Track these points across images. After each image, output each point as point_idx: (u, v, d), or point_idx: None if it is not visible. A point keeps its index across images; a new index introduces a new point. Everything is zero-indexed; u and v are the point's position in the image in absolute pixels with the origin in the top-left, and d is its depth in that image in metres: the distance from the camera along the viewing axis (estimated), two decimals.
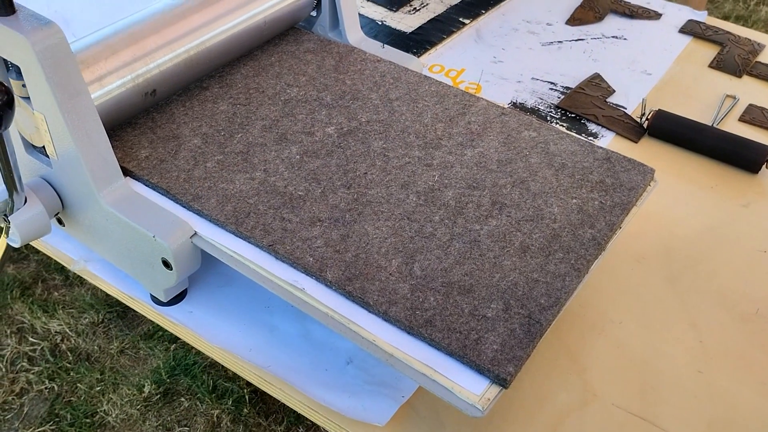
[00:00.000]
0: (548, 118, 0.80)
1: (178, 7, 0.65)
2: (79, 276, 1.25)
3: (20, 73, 0.54)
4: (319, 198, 0.57)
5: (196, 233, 0.55)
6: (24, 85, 0.54)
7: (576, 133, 0.78)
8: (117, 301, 0.64)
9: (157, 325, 1.26)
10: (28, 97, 0.55)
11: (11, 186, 0.54)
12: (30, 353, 1.08)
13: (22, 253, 1.17)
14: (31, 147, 0.59)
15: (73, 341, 1.10)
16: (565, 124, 0.80)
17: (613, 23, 0.94)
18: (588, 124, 0.80)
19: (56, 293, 1.17)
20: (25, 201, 0.57)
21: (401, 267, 0.53)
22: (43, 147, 0.57)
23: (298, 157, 0.60)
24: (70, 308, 1.15)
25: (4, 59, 0.55)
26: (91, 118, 0.54)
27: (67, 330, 1.11)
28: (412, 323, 0.50)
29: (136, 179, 0.59)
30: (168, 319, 0.60)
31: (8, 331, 1.11)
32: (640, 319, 0.61)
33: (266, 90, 0.67)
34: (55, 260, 0.61)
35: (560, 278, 0.53)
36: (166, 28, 0.63)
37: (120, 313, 1.15)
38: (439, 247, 0.54)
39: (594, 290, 0.63)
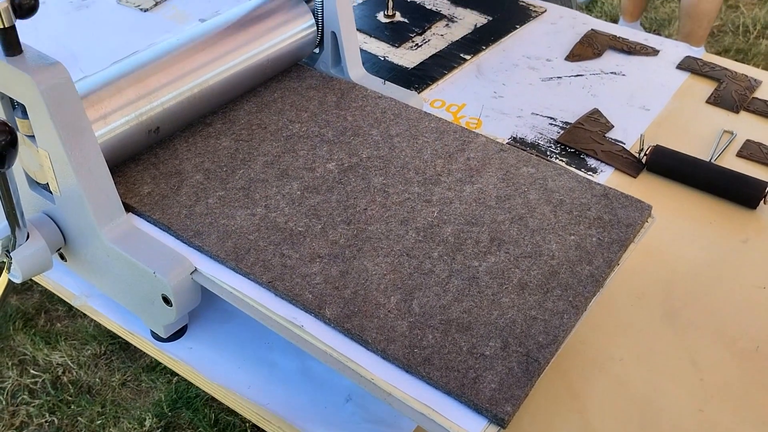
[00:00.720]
0: (548, 152, 0.81)
1: (183, 47, 0.66)
2: None
3: (25, 111, 0.54)
4: (319, 234, 0.57)
5: (196, 269, 0.55)
6: (29, 124, 0.55)
7: (575, 167, 0.78)
8: (114, 334, 0.64)
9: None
10: (33, 135, 0.55)
11: (14, 222, 0.54)
12: (31, 386, 1.08)
13: (26, 284, 1.18)
14: (34, 183, 0.60)
15: (74, 373, 1.10)
16: (564, 159, 0.80)
17: (611, 59, 0.95)
18: (587, 158, 0.80)
19: (59, 324, 1.17)
20: (28, 236, 0.57)
21: (400, 304, 0.53)
22: (47, 183, 0.58)
23: (299, 192, 0.61)
24: (72, 340, 1.15)
25: (10, 98, 0.56)
26: (95, 155, 0.55)
27: (69, 362, 1.11)
28: (411, 362, 0.49)
29: (138, 215, 0.59)
30: (168, 356, 0.59)
31: (10, 363, 1.11)
32: (641, 356, 0.61)
33: (269, 126, 0.67)
34: None
35: (558, 316, 0.53)
36: (171, 67, 0.64)
37: (122, 344, 1.15)
38: (438, 284, 0.54)
39: (593, 327, 0.63)
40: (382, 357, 0.50)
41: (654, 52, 0.97)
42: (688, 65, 0.94)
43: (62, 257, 0.62)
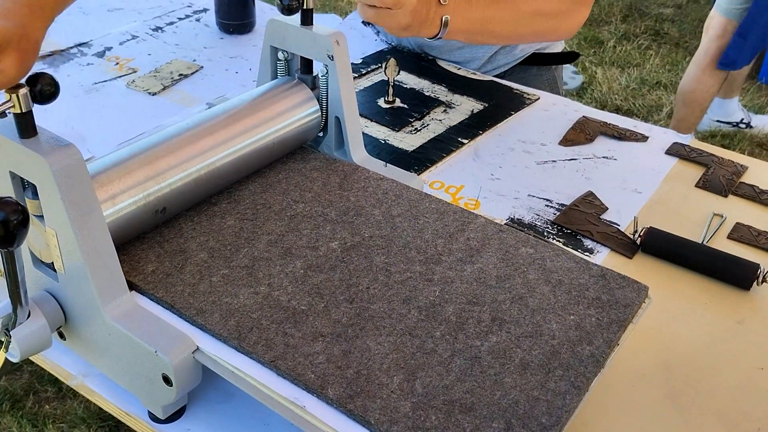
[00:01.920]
0: (545, 233, 0.82)
1: (192, 130, 0.68)
2: (72, 389, 1.22)
3: (36, 192, 0.55)
4: (321, 313, 0.57)
5: (198, 348, 0.55)
6: (38, 204, 0.56)
7: (572, 248, 0.79)
8: (109, 415, 0.62)
9: None
10: (42, 216, 0.56)
11: (16, 300, 0.54)
12: None
13: (16, 364, 1.16)
14: (38, 261, 0.60)
15: None
16: (561, 240, 0.81)
17: (603, 144, 0.98)
18: (584, 239, 0.81)
19: (47, 406, 1.14)
20: (29, 315, 0.57)
21: (403, 384, 0.52)
22: (51, 262, 0.58)
23: (302, 271, 0.61)
24: (60, 422, 1.11)
25: (21, 179, 0.57)
26: (102, 234, 0.55)
27: None
28: None
29: (141, 293, 0.59)
30: None
31: None
32: None
33: (273, 206, 0.69)
34: (48, 372, 0.59)
35: (561, 396, 0.52)
36: (179, 150, 0.66)
37: (112, 427, 1.12)
38: (441, 364, 0.54)
39: (596, 408, 0.62)
40: None
41: (643, 138, 1.00)
42: (677, 151, 0.97)
43: (61, 336, 0.61)
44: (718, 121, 2.64)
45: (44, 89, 0.52)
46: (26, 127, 0.54)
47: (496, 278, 0.61)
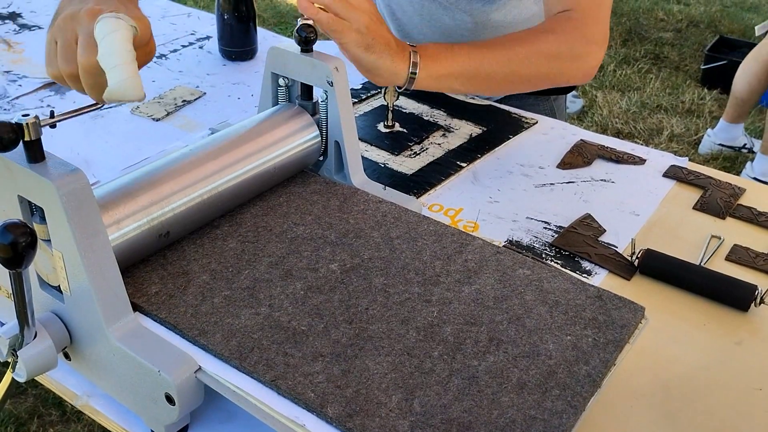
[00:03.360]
0: (543, 255, 0.83)
1: (195, 155, 0.70)
2: (77, 411, 1.23)
3: (43, 217, 0.57)
4: (321, 333, 0.59)
5: (200, 368, 0.56)
6: (46, 229, 0.57)
7: (571, 270, 0.81)
8: None
9: None
10: (49, 240, 0.58)
11: (24, 321, 0.55)
12: None
13: (21, 387, 1.16)
14: (45, 284, 0.61)
15: None
16: (559, 262, 0.82)
17: (601, 167, 1.00)
18: (582, 261, 0.83)
19: (52, 430, 1.15)
20: (35, 335, 0.58)
21: (401, 403, 0.53)
22: (58, 285, 0.59)
23: (302, 292, 0.62)
24: None
25: (29, 204, 0.59)
26: (107, 257, 0.57)
27: None
28: None
29: (144, 314, 0.61)
30: None
31: None
32: None
33: (274, 228, 0.70)
34: (53, 395, 0.60)
35: (558, 416, 0.53)
36: (183, 175, 0.68)
37: None
38: (439, 383, 0.55)
39: (593, 427, 0.63)
40: None
41: (641, 161, 1.01)
42: (674, 173, 0.99)
43: (66, 356, 0.63)
44: (721, 144, 2.67)
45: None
46: (35, 153, 0.56)
47: (494, 299, 0.63)
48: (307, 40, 0.75)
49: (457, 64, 0.85)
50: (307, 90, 0.80)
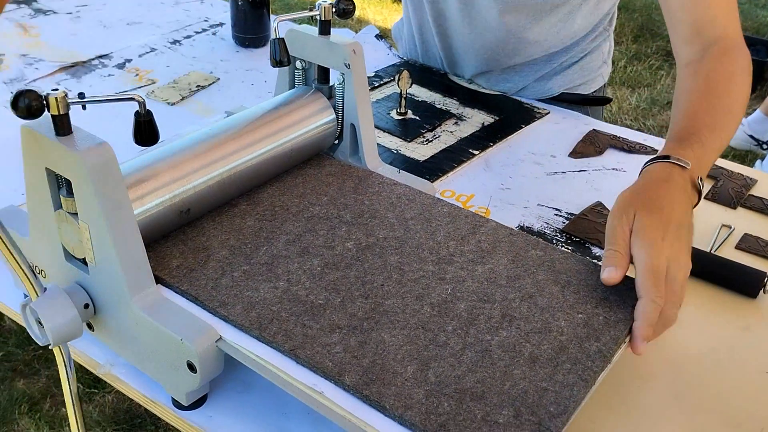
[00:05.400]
0: (554, 241, 0.85)
1: (215, 136, 0.72)
2: (88, 392, 1.26)
3: (70, 190, 0.60)
4: (338, 307, 0.61)
5: (221, 338, 0.59)
6: (72, 202, 0.60)
7: (581, 256, 0.83)
8: (124, 418, 0.66)
9: None
10: (76, 213, 0.60)
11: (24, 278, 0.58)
12: None
13: (34, 368, 1.19)
14: (70, 256, 0.64)
15: None
16: (570, 248, 0.85)
17: (612, 157, 1.02)
18: (592, 247, 0.85)
19: (64, 409, 1.18)
20: (45, 290, 0.61)
21: (416, 373, 0.56)
22: (83, 258, 0.62)
23: (319, 268, 0.65)
24: None
25: (56, 178, 0.61)
26: (132, 228, 0.60)
27: None
28: (427, 427, 0.52)
29: (166, 286, 0.63)
30: (188, 423, 0.62)
31: None
32: None
33: (290, 208, 0.73)
34: None
35: (569, 388, 0.56)
36: (203, 155, 0.70)
37: (126, 430, 1.16)
38: (452, 356, 0.58)
39: (602, 406, 0.65)
40: (399, 423, 0.53)
41: (653, 150, 1.03)
42: None
43: (90, 327, 0.66)
44: (750, 136, 2.68)
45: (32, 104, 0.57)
46: (62, 126, 0.58)
47: (507, 278, 0.65)
48: (345, 11, 0.75)
49: (711, 153, 0.79)
50: (323, 73, 0.82)
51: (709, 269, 0.81)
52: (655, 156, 0.75)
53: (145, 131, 0.63)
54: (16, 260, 0.57)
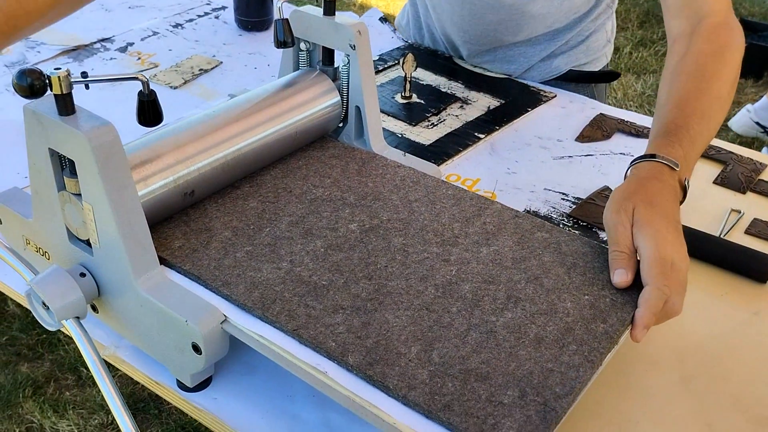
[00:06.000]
0: (561, 225, 0.86)
1: (219, 117, 0.73)
2: (92, 377, 1.27)
3: (74, 170, 0.60)
4: (341, 288, 0.62)
5: (226, 319, 0.59)
6: (76, 183, 0.60)
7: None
8: (127, 402, 0.66)
9: (167, 428, 1.26)
10: (79, 194, 0.61)
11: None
12: None
13: (38, 352, 1.21)
14: (74, 237, 0.65)
15: None
16: (577, 232, 0.84)
17: (620, 141, 1.02)
18: (599, 232, 0.85)
19: (68, 393, 1.20)
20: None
21: (420, 354, 0.56)
22: (87, 239, 0.63)
23: (322, 250, 0.65)
24: (80, 409, 1.17)
25: (60, 159, 0.61)
26: (136, 209, 0.60)
27: (76, 431, 1.12)
28: (431, 407, 0.53)
29: (169, 267, 0.64)
30: (192, 405, 0.63)
31: (17, 431, 1.12)
32: (657, 419, 0.63)
33: (293, 190, 0.73)
34: (69, 360, 0.63)
35: (574, 369, 0.56)
36: (207, 136, 0.71)
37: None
38: (457, 336, 0.58)
39: (610, 390, 0.66)
40: (403, 403, 0.54)
41: None
42: None
43: (94, 309, 0.66)
44: (758, 123, 2.66)
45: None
46: (66, 105, 0.59)
47: (512, 260, 0.65)
48: None
49: (699, 147, 0.78)
50: (328, 55, 0.82)
51: (719, 254, 0.81)
52: (643, 155, 0.76)
53: (149, 111, 0.64)
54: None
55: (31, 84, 0.56)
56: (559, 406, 0.53)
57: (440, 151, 0.97)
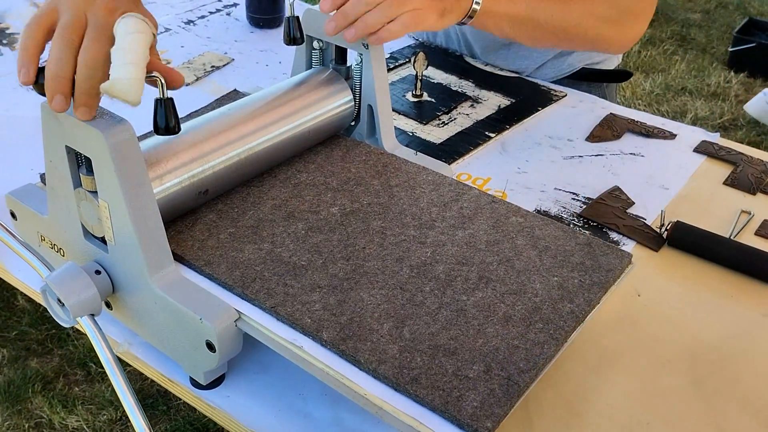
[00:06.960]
0: (571, 225, 0.91)
1: (234, 116, 0.79)
2: (101, 372, 1.37)
3: (90, 168, 0.65)
4: (320, 268, 0.70)
5: (240, 317, 0.65)
6: (92, 180, 0.65)
7: (590, 235, 0.90)
8: (137, 398, 0.73)
9: (175, 425, 1.36)
10: (95, 191, 0.66)
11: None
12: None
13: (47, 348, 1.32)
14: (89, 234, 0.70)
15: None
16: (587, 232, 0.89)
17: (630, 141, 1.09)
18: (610, 232, 0.91)
19: (77, 388, 1.31)
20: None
21: (392, 330, 0.65)
22: (102, 237, 0.68)
23: (303, 232, 0.74)
24: (89, 404, 1.27)
25: (76, 156, 0.66)
26: (151, 207, 0.65)
27: (85, 426, 1.23)
28: (399, 380, 0.60)
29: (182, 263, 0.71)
30: (206, 403, 0.69)
31: (26, 426, 1.23)
32: (668, 420, 0.69)
33: (278, 174, 0.82)
34: (78, 355, 0.70)
35: (539, 346, 0.64)
36: (221, 134, 0.76)
37: None
38: (428, 314, 0.66)
39: (621, 391, 0.71)
40: (373, 376, 0.62)
41: (671, 135, 1.10)
42: (705, 149, 1.07)
43: (108, 305, 0.72)
44: None
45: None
46: None
47: (486, 243, 0.74)
48: None
49: (515, 7, 0.97)
50: (341, 53, 0.90)
51: (729, 256, 0.87)
52: None
53: (168, 117, 0.66)
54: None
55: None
56: (522, 381, 0.61)
57: (451, 150, 1.05)
